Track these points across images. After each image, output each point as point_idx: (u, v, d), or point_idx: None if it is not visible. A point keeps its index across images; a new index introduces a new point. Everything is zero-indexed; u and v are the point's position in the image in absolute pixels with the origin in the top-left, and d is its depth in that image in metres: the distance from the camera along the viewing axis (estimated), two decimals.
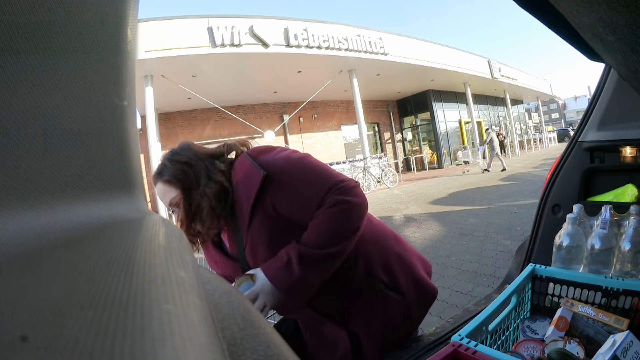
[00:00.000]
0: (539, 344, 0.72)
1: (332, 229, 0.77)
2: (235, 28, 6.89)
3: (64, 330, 0.10)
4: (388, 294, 0.87)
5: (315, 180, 0.80)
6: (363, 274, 0.86)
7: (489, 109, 16.91)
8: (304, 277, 0.75)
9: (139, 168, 0.26)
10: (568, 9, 0.56)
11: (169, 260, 0.17)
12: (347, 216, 0.78)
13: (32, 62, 0.17)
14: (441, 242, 3.70)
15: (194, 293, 0.15)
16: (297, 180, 0.80)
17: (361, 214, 0.80)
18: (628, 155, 1.19)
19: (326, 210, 0.77)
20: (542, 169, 8.75)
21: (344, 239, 0.78)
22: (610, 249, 0.83)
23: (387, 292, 0.87)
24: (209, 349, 0.13)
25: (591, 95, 1.30)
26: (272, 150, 0.87)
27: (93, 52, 0.20)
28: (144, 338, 0.11)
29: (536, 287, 0.88)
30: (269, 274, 0.77)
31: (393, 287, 0.89)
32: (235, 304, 0.21)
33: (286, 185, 0.80)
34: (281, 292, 0.76)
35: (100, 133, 0.22)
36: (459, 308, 2.17)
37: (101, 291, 0.13)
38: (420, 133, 14.35)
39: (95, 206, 0.21)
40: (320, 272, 0.78)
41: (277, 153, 0.85)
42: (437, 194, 7.01)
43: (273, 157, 0.84)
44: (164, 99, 8.35)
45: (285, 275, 0.75)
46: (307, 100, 9.95)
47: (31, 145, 0.17)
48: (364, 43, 8.64)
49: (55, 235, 0.17)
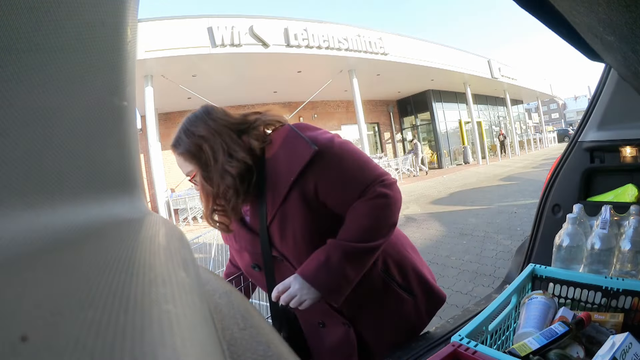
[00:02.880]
0: None
1: (375, 222, 0.75)
2: (235, 28, 6.89)
3: (64, 330, 0.10)
4: (400, 294, 0.87)
5: (363, 168, 0.78)
6: (380, 271, 0.85)
7: (489, 109, 16.90)
8: (345, 274, 0.73)
9: (139, 168, 0.26)
10: (568, 9, 0.56)
11: (169, 260, 0.17)
12: (389, 210, 0.77)
13: (32, 62, 0.17)
14: (441, 242, 3.70)
15: (194, 293, 0.15)
16: (347, 164, 0.77)
17: (399, 209, 0.80)
18: (628, 155, 1.19)
19: (369, 202, 0.75)
20: (542, 169, 8.75)
21: (385, 233, 0.77)
22: (610, 249, 0.83)
23: (400, 292, 0.87)
24: (209, 349, 0.13)
25: (591, 95, 1.30)
26: (317, 129, 0.82)
27: (93, 52, 0.20)
28: (144, 338, 0.11)
29: (536, 287, 0.88)
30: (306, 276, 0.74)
31: (406, 287, 0.88)
32: (235, 304, 0.21)
33: (335, 167, 0.76)
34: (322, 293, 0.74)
35: (101, 133, 0.22)
36: (459, 308, 2.17)
37: (101, 291, 0.13)
38: (420, 133, 14.35)
39: (95, 206, 0.21)
40: (361, 266, 0.76)
41: (323, 133, 0.81)
42: (437, 194, 7.01)
43: (321, 135, 0.79)
44: (164, 99, 8.34)
45: (323, 275, 0.73)
46: (307, 100, 9.94)
47: (31, 145, 0.17)
48: (364, 43, 8.63)
49: (55, 235, 0.17)
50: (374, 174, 0.78)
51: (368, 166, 0.79)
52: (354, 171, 0.78)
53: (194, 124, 0.80)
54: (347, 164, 0.78)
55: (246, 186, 0.78)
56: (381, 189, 0.76)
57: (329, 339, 0.89)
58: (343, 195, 0.77)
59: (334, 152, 0.77)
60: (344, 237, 0.75)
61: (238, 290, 0.52)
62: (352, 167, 0.78)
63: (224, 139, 0.77)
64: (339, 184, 0.77)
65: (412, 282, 0.90)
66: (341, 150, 0.78)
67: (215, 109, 0.84)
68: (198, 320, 0.14)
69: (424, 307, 0.92)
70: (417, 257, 0.97)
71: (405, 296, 0.88)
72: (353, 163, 0.78)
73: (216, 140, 0.77)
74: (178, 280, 0.15)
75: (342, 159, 0.77)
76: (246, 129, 0.80)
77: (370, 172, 0.78)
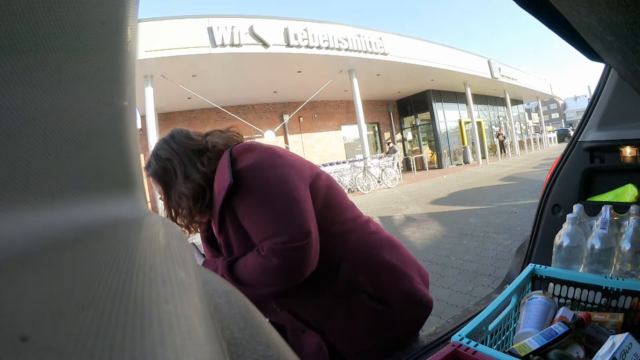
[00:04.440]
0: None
1: (253, 280, 0.75)
2: (235, 28, 6.89)
3: (64, 330, 0.10)
4: (370, 304, 0.83)
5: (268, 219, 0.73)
6: (345, 282, 0.82)
7: (489, 109, 16.91)
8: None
9: (139, 168, 0.26)
10: (568, 9, 0.56)
11: (169, 260, 0.17)
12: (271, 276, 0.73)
13: (32, 62, 0.17)
14: (441, 242, 3.70)
15: (194, 293, 0.15)
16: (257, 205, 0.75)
17: (290, 277, 0.73)
18: (628, 155, 1.19)
19: (255, 256, 0.74)
20: (542, 169, 8.75)
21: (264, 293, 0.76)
22: (610, 249, 0.83)
23: (369, 303, 0.83)
24: (209, 349, 0.13)
25: (591, 95, 1.30)
26: (254, 151, 0.79)
27: (93, 52, 0.20)
28: (144, 338, 0.11)
29: (536, 287, 0.88)
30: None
31: (377, 297, 0.84)
32: (235, 304, 0.21)
33: (246, 203, 0.75)
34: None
35: (100, 133, 0.22)
36: (459, 308, 2.17)
37: (101, 291, 0.13)
38: (420, 133, 14.35)
39: (95, 206, 0.21)
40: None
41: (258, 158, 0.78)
42: (437, 194, 7.01)
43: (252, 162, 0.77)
44: (164, 99, 8.35)
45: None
46: (307, 100, 9.95)
47: (31, 145, 0.17)
48: (364, 43, 8.64)
49: (55, 235, 0.17)
50: (274, 231, 0.72)
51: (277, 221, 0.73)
52: (259, 216, 0.74)
53: (161, 148, 0.85)
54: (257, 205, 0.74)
55: (199, 206, 0.82)
56: (275, 247, 0.71)
57: (306, 345, 0.87)
58: (249, 230, 0.76)
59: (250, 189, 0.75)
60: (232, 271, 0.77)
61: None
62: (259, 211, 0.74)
63: (182, 161, 0.82)
64: (246, 222, 0.76)
65: (387, 290, 0.85)
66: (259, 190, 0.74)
67: (180, 132, 0.88)
68: (198, 320, 0.14)
69: (405, 316, 0.87)
70: (398, 258, 0.89)
71: (378, 306, 0.83)
72: (262, 207, 0.74)
73: (175, 162, 0.82)
74: (178, 280, 0.15)
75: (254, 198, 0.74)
76: (204, 151, 0.84)
77: (272, 229, 0.72)
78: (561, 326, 0.66)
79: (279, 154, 0.80)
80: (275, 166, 0.77)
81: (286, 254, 0.71)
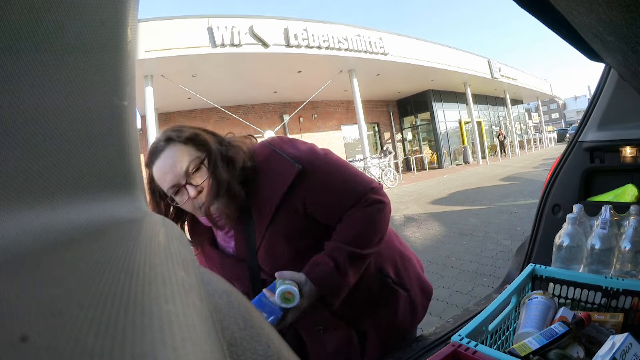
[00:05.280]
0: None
1: (371, 229, 0.76)
2: (235, 28, 6.89)
3: (64, 330, 0.10)
4: (396, 289, 0.87)
5: (351, 180, 0.78)
6: (374, 271, 0.85)
7: (489, 109, 16.91)
8: (349, 280, 0.73)
9: (139, 168, 0.26)
10: (568, 9, 0.56)
11: (169, 260, 0.17)
12: (383, 216, 0.77)
13: (32, 62, 0.17)
14: (441, 242, 3.70)
15: (194, 293, 0.15)
16: (335, 178, 0.77)
17: (390, 212, 0.81)
18: (628, 155, 1.19)
19: (365, 209, 0.75)
20: (542, 169, 8.75)
21: (380, 238, 0.77)
22: (610, 249, 0.83)
23: (396, 288, 0.87)
24: (209, 349, 0.13)
25: (591, 95, 1.30)
26: (295, 143, 0.80)
27: (93, 52, 0.20)
28: (144, 338, 0.11)
29: (536, 287, 0.88)
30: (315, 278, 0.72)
31: (399, 283, 0.88)
32: (235, 304, 0.21)
33: (323, 183, 0.75)
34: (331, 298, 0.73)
35: (100, 133, 0.22)
36: (459, 308, 2.17)
37: (101, 291, 0.13)
38: (420, 133, 14.35)
39: (95, 206, 0.21)
40: (359, 272, 0.76)
41: (303, 146, 0.79)
42: (437, 194, 7.01)
43: (299, 149, 0.77)
44: (164, 99, 8.34)
45: (334, 280, 0.72)
46: (307, 100, 9.94)
47: (31, 145, 0.17)
48: (364, 43, 8.63)
49: (55, 235, 0.17)
50: (363, 183, 0.78)
51: (355, 176, 0.79)
52: (344, 183, 0.77)
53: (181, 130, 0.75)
54: (335, 178, 0.77)
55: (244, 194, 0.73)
56: (374, 195, 0.77)
57: (330, 343, 0.88)
58: (335, 208, 0.77)
59: (319, 167, 0.76)
60: (344, 242, 0.74)
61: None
62: (340, 180, 0.77)
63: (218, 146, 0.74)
64: (329, 198, 0.76)
65: (404, 277, 0.90)
66: (327, 164, 0.78)
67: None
68: (198, 320, 0.14)
69: (419, 299, 0.92)
70: (402, 245, 0.97)
71: (401, 292, 0.88)
72: (341, 176, 0.78)
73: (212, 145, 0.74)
74: (178, 280, 0.15)
75: (329, 174, 0.77)
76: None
77: (360, 181, 0.78)
78: (561, 326, 0.66)
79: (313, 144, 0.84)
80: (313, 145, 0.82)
81: (382, 191, 0.79)
